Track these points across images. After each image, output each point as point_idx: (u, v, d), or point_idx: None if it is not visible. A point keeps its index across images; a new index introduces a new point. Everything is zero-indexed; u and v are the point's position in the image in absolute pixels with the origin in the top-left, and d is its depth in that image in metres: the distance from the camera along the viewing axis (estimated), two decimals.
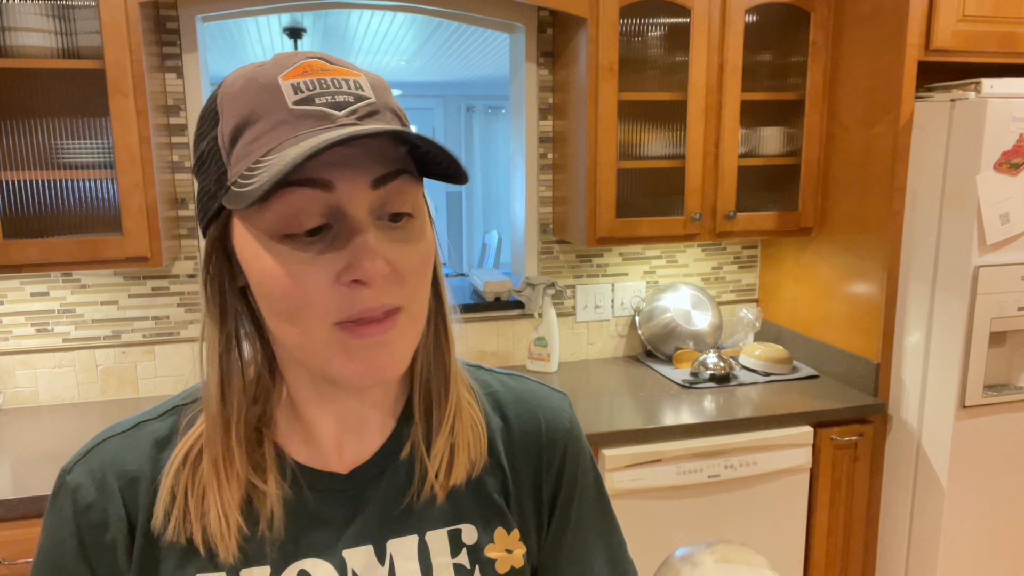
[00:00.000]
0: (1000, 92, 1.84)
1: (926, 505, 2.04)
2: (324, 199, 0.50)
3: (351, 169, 0.50)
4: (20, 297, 2.09)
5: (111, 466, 0.59)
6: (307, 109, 0.50)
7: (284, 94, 0.51)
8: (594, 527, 0.70)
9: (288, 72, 0.52)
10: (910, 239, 2.03)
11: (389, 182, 0.52)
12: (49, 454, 1.79)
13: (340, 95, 0.52)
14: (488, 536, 0.63)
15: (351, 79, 0.53)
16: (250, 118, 0.51)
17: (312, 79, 0.52)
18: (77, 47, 1.80)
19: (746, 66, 2.21)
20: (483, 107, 7.57)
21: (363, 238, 0.50)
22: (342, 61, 0.55)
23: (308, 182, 0.49)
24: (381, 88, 0.55)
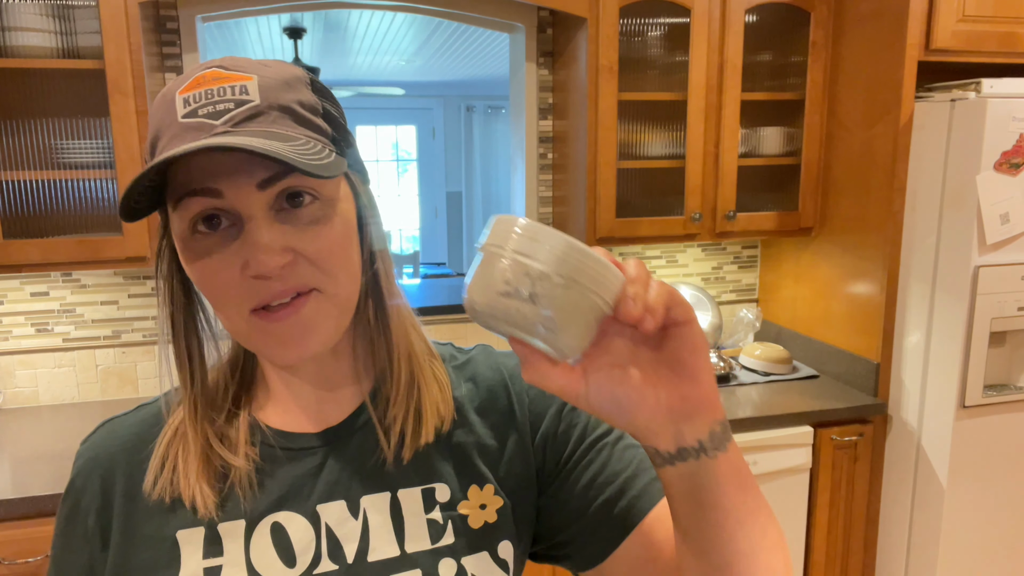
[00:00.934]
0: (1000, 92, 1.84)
1: (926, 505, 2.04)
2: (218, 203, 0.54)
3: (236, 176, 0.54)
4: (20, 297, 2.09)
5: (99, 446, 0.66)
6: (190, 122, 0.54)
7: (176, 108, 0.54)
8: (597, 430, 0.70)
9: (184, 86, 0.55)
10: (910, 239, 2.03)
11: (275, 183, 0.54)
12: (49, 454, 1.79)
13: (221, 103, 0.54)
14: (462, 493, 0.65)
15: (239, 84, 0.55)
16: (157, 133, 0.56)
17: (200, 91, 0.55)
18: (77, 47, 1.80)
19: (746, 66, 2.21)
20: (483, 107, 7.57)
21: (255, 235, 0.54)
22: (246, 64, 0.57)
23: (198, 192, 0.54)
24: (276, 87, 0.56)
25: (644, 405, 0.47)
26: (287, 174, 0.55)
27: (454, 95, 7.44)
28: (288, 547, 0.61)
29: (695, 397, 0.47)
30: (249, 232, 0.54)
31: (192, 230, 0.55)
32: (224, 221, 0.55)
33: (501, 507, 0.66)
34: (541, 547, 0.70)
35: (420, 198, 7.79)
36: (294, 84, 0.58)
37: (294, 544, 0.61)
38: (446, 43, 4.69)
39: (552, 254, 0.42)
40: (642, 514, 0.64)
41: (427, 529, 0.63)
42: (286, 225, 0.55)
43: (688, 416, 0.47)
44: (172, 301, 0.62)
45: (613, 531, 0.65)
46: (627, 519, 0.65)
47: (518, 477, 0.68)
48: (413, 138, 7.75)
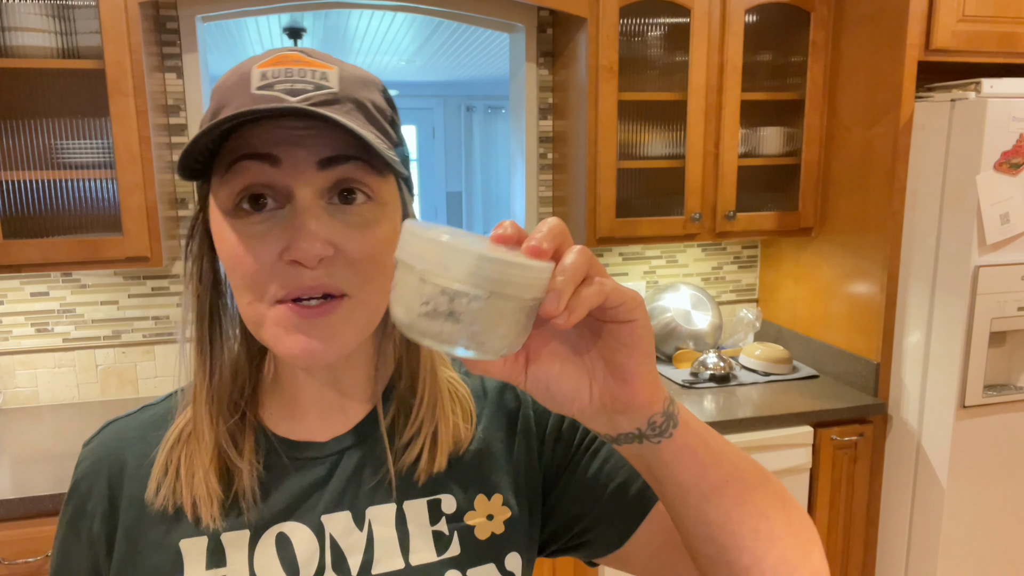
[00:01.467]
0: (1000, 92, 1.84)
1: (926, 505, 2.04)
2: (272, 175, 0.53)
3: (299, 148, 0.52)
4: (20, 297, 2.09)
5: (108, 443, 0.65)
6: (264, 94, 0.53)
7: (251, 81, 0.53)
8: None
9: (263, 62, 0.54)
10: (910, 239, 2.03)
11: (337, 165, 0.53)
12: (49, 454, 1.79)
13: (300, 83, 0.53)
14: (468, 503, 0.64)
15: (319, 70, 0.55)
16: (221, 103, 0.54)
17: (280, 68, 0.54)
18: (77, 47, 1.80)
19: (746, 66, 2.21)
20: (483, 107, 7.56)
21: (303, 219, 0.52)
22: (327, 57, 0.57)
23: (256, 155, 0.52)
24: (355, 82, 0.56)
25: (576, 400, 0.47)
26: (349, 159, 0.54)
27: (454, 95, 7.43)
28: (292, 559, 0.60)
29: (624, 398, 0.46)
30: (295, 214, 0.53)
31: (236, 204, 0.54)
32: (271, 203, 0.54)
33: (509, 518, 0.65)
34: (559, 544, 0.69)
35: (420, 198, 7.79)
36: (369, 85, 0.58)
37: (298, 556, 0.60)
38: (446, 43, 4.69)
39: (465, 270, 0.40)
40: (657, 497, 0.63)
41: (432, 541, 0.62)
42: (334, 219, 0.54)
43: (621, 412, 0.47)
44: (200, 281, 0.60)
45: (630, 514, 0.64)
46: (643, 502, 0.64)
47: (526, 484, 0.67)
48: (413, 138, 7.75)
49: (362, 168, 0.54)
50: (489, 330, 0.41)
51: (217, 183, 0.55)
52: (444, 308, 0.41)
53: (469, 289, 0.40)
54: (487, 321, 0.41)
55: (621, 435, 0.49)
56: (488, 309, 0.41)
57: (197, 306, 0.60)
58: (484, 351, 0.42)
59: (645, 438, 0.48)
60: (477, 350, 0.42)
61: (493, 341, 0.42)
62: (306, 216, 0.52)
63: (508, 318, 0.42)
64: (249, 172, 0.53)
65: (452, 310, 0.41)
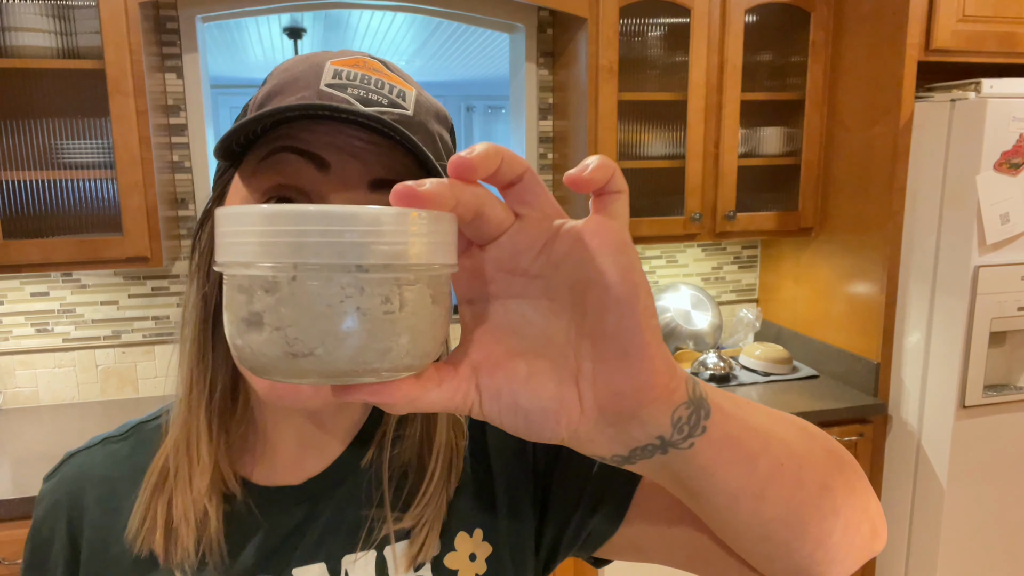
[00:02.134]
0: (1000, 92, 1.84)
1: (926, 505, 2.04)
2: (316, 179, 0.47)
3: (354, 159, 0.47)
4: (20, 297, 2.09)
5: (68, 484, 0.60)
6: (333, 93, 0.48)
7: (323, 74, 0.49)
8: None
9: (340, 59, 0.51)
10: (910, 239, 2.03)
11: (386, 189, 0.48)
12: (49, 454, 1.79)
13: (375, 94, 0.49)
14: (449, 544, 0.58)
15: (397, 87, 0.51)
16: (283, 88, 0.50)
17: (357, 72, 0.50)
18: (77, 47, 1.80)
19: (746, 66, 2.21)
20: (483, 107, 7.57)
21: None
22: (406, 76, 0.53)
23: (305, 153, 0.47)
24: (429, 111, 0.52)
25: (563, 413, 0.33)
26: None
27: (454, 95, 7.43)
28: None
29: (631, 389, 0.32)
30: None
31: (267, 192, 0.48)
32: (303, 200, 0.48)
33: (490, 555, 0.59)
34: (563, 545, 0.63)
35: None
36: (442, 119, 0.54)
37: None
38: (446, 43, 4.69)
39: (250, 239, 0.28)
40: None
41: None
42: None
43: (630, 415, 0.33)
44: (209, 277, 0.54)
45: (624, 483, 0.58)
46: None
47: (511, 507, 0.61)
48: None
49: None
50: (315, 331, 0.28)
51: (249, 171, 0.49)
52: (243, 312, 0.29)
53: (260, 270, 0.28)
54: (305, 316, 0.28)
55: (635, 450, 0.35)
56: (299, 295, 0.28)
57: (202, 307, 0.54)
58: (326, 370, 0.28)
59: (671, 446, 0.35)
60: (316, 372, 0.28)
61: (336, 350, 0.28)
62: None
63: (341, 306, 0.28)
64: (289, 168, 0.47)
65: (252, 312, 0.28)
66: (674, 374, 0.34)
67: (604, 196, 0.33)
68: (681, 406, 0.34)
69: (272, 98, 0.50)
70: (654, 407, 0.33)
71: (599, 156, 0.33)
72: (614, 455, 0.35)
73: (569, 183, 0.32)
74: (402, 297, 0.29)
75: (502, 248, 0.34)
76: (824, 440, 0.45)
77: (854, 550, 0.45)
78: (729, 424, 0.37)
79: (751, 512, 0.40)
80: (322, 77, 0.49)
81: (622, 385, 0.32)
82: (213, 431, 0.55)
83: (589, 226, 0.32)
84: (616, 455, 0.35)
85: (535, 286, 0.34)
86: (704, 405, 0.35)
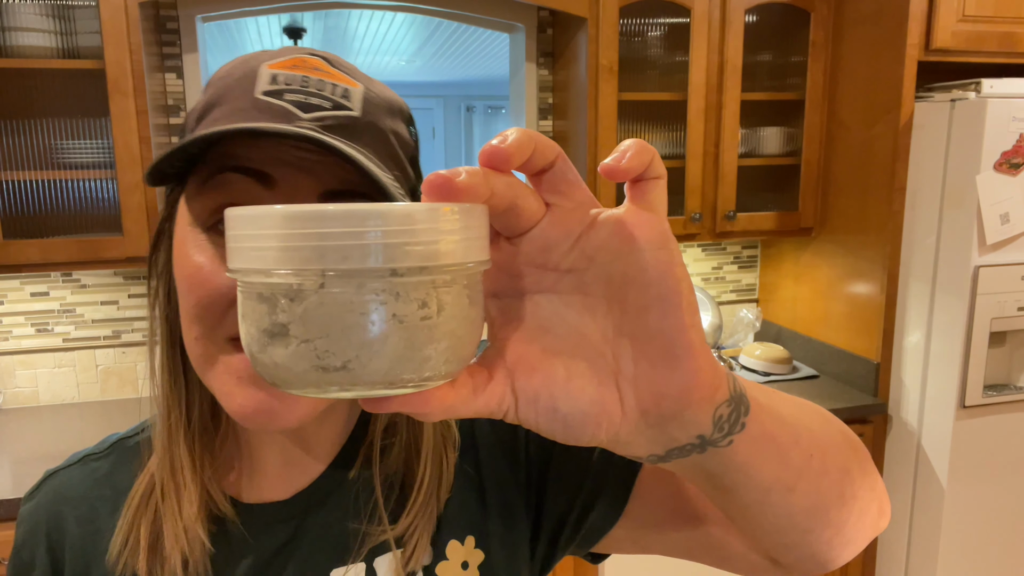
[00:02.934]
0: (1000, 92, 1.84)
1: (926, 505, 2.04)
2: (263, 197, 0.45)
3: (301, 174, 0.45)
4: (20, 297, 2.09)
5: (48, 506, 0.58)
6: (270, 102, 0.45)
7: (257, 81, 0.46)
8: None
9: (277, 62, 0.47)
10: (910, 239, 2.03)
11: (338, 200, 0.46)
12: (49, 454, 1.79)
13: (316, 97, 0.46)
14: (441, 553, 0.56)
15: (341, 85, 0.47)
16: (217, 100, 0.47)
17: (296, 74, 0.47)
18: (77, 47, 1.80)
19: (746, 66, 2.21)
20: (483, 107, 7.57)
21: None
22: (352, 70, 0.50)
23: (248, 171, 0.45)
24: (380, 107, 0.49)
25: (604, 416, 0.31)
26: (353, 196, 0.46)
27: (454, 95, 7.44)
28: None
29: (676, 391, 0.31)
30: None
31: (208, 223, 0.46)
32: None
33: (483, 562, 0.58)
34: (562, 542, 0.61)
35: None
36: (396, 113, 0.50)
37: None
38: (446, 43, 4.69)
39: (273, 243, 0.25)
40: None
41: None
42: None
43: (672, 416, 0.32)
44: (169, 300, 0.52)
45: (623, 475, 0.57)
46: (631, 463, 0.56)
47: (503, 512, 0.59)
48: None
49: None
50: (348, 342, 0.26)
51: (193, 191, 0.47)
52: (265, 324, 0.26)
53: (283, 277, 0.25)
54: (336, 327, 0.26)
55: (673, 450, 0.33)
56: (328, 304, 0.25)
57: (167, 331, 0.52)
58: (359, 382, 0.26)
59: (710, 444, 0.33)
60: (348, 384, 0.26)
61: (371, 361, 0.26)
62: None
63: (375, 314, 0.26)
64: (235, 188, 0.45)
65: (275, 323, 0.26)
66: (717, 372, 0.32)
67: (642, 183, 0.31)
68: (723, 404, 0.33)
69: (210, 110, 0.47)
70: (698, 408, 0.31)
71: (635, 141, 0.31)
72: (651, 455, 0.34)
73: (605, 173, 0.30)
74: (439, 300, 0.26)
75: (533, 241, 0.31)
76: (838, 423, 0.45)
77: (865, 530, 0.45)
78: (765, 419, 0.36)
79: (780, 505, 0.39)
80: (257, 84, 0.46)
81: (666, 387, 0.31)
82: (196, 456, 0.53)
83: (627, 218, 0.30)
84: (652, 455, 0.34)
85: (567, 281, 0.32)
86: (744, 401, 0.34)
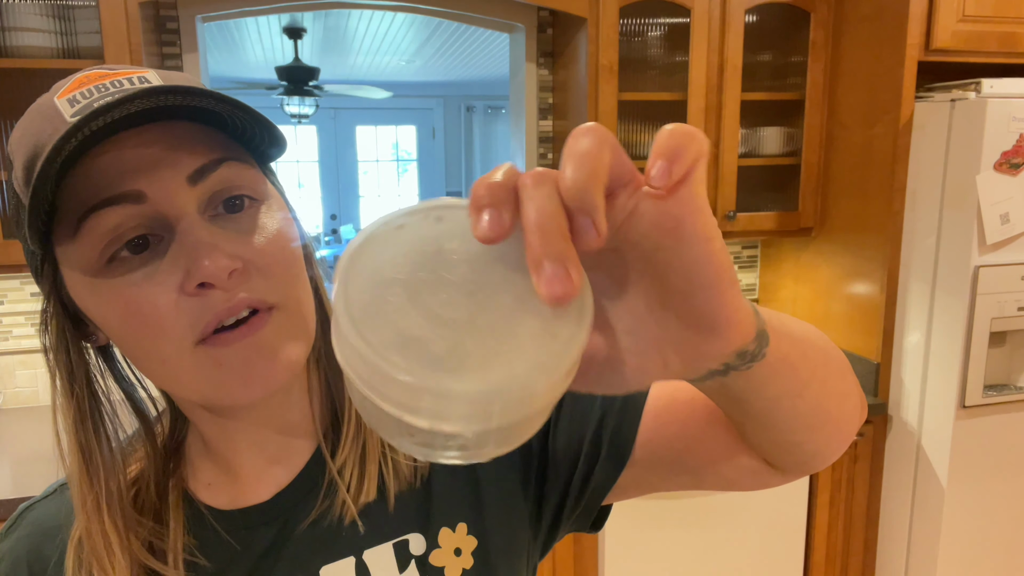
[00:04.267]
0: (1000, 92, 1.84)
1: (926, 505, 2.04)
2: (139, 212, 0.44)
3: (159, 170, 0.44)
4: (20, 297, 2.09)
5: (27, 540, 0.56)
6: (87, 116, 0.44)
7: (61, 111, 0.45)
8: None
9: (63, 90, 0.47)
10: (910, 239, 2.03)
11: (209, 174, 0.46)
12: (49, 454, 1.78)
13: (120, 93, 0.45)
14: (433, 540, 0.56)
15: (135, 76, 0.47)
16: (36, 150, 0.45)
17: (89, 87, 0.46)
18: (77, 47, 1.80)
19: (746, 66, 2.21)
20: (483, 107, 7.57)
21: (194, 235, 0.44)
22: (130, 66, 0.49)
23: (114, 199, 0.43)
24: (177, 77, 0.49)
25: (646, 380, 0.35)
26: (220, 163, 0.46)
27: (454, 95, 7.44)
28: None
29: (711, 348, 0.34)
30: (184, 234, 0.44)
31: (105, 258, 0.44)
32: (149, 240, 0.45)
33: (476, 548, 0.57)
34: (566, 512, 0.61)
35: (420, 198, 7.78)
36: (192, 80, 0.49)
37: None
38: (446, 43, 4.69)
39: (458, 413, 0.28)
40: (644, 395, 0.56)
41: None
42: (227, 231, 0.46)
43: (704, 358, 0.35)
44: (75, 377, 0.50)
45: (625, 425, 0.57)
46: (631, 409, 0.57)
47: (497, 495, 0.59)
48: (413, 138, 7.75)
49: (237, 168, 0.47)
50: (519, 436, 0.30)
51: (66, 246, 0.45)
52: (440, 444, 0.30)
53: (466, 431, 0.28)
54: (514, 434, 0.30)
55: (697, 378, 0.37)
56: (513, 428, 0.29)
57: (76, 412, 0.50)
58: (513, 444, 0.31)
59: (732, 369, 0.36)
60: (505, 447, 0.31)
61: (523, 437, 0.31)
62: (197, 230, 0.44)
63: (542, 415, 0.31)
64: (109, 219, 0.44)
65: (451, 446, 0.30)
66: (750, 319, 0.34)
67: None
68: (749, 342, 0.35)
69: (34, 167, 0.45)
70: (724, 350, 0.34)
71: (673, 131, 0.31)
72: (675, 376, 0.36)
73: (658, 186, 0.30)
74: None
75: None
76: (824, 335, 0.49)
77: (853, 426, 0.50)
78: (782, 344, 0.38)
79: (789, 408, 0.42)
80: (61, 114, 0.45)
81: (710, 348, 0.33)
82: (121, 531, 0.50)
83: (672, 209, 0.30)
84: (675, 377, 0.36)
85: (608, 258, 0.33)
86: (765, 335, 0.36)
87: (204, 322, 0.45)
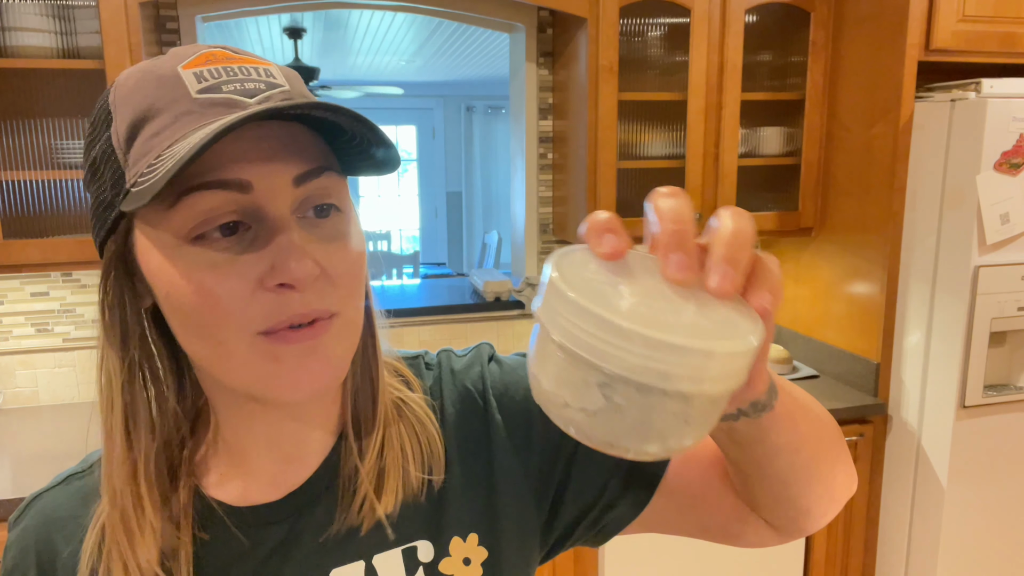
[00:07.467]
0: (1000, 92, 1.84)
1: (926, 505, 2.04)
2: (240, 201, 0.45)
3: (270, 165, 0.46)
4: (20, 297, 2.09)
5: (36, 530, 0.56)
6: (214, 97, 0.45)
7: (186, 84, 0.46)
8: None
9: (189, 62, 0.47)
10: (910, 239, 2.03)
11: (312, 179, 0.47)
12: (49, 454, 1.79)
13: (250, 82, 0.47)
14: (443, 549, 0.57)
15: (260, 67, 0.48)
16: (148, 113, 0.46)
17: (217, 67, 0.47)
18: (77, 47, 1.80)
19: (746, 66, 2.21)
20: (483, 107, 7.57)
21: (287, 236, 0.45)
22: (248, 52, 0.51)
23: (222, 184, 0.44)
24: (295, 78, 0.51)
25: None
26: (323, 172, 0.48)
27: (454, 95, 7.44)
28: None
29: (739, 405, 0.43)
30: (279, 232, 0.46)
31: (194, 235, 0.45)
32: (239, 227, 0.46)
33: (486, 559, 0.58)
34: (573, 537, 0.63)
35: (420, 198, 7.79)
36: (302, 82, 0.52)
37: None
38: (446, 43, 4.69)
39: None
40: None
41: None
42: (312, 236, 0.47)
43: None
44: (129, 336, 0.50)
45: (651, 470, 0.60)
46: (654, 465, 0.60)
47: (507, 507, 0.59)
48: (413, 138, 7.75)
49: (334, 178, 0.49)
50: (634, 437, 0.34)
51: (158, 212, 0.46)
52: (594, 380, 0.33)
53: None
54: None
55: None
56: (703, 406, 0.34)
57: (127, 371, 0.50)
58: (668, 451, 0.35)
59: (744, 415, 0.44)
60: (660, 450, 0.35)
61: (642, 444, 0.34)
62: (291, 235, 0.46)
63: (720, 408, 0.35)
64: (211, 200, 0.45)
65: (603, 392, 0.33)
66: (765, 374, 0.42)
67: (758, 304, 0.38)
68: (760, 395, 0.43)
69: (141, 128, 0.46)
70: (746, 399, 0.42)
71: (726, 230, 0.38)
72: None
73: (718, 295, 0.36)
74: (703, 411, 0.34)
75: None
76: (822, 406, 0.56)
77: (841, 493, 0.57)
78: (787, 399, 0.46)
79: (787, 460, 0.49)
80: (187, 86, 0.46)
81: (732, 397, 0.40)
82: (156, 496, 0.51)
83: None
84: None
85: None
86: (775, 390, 0.44)
87: (276, 319, 0.46)
